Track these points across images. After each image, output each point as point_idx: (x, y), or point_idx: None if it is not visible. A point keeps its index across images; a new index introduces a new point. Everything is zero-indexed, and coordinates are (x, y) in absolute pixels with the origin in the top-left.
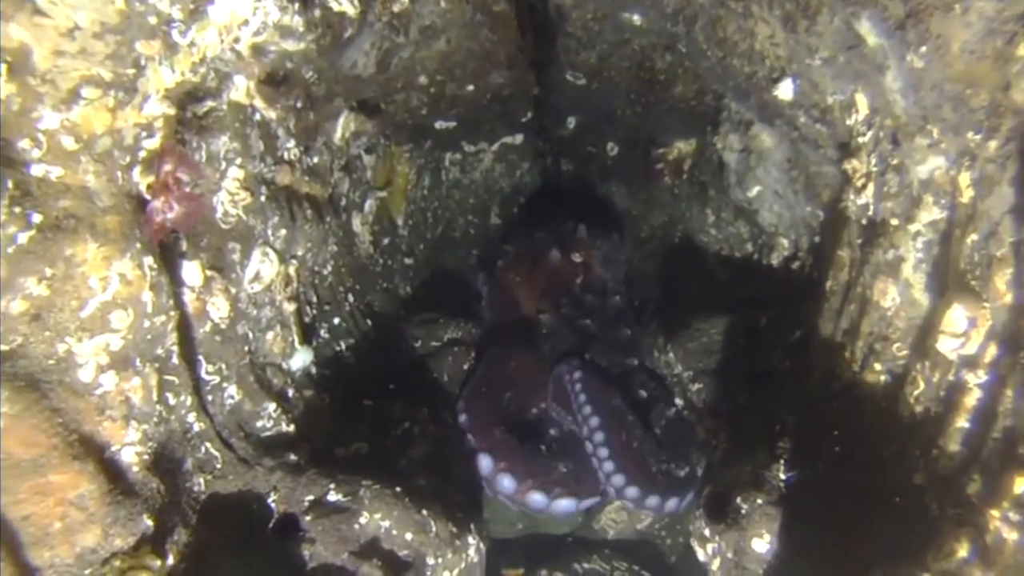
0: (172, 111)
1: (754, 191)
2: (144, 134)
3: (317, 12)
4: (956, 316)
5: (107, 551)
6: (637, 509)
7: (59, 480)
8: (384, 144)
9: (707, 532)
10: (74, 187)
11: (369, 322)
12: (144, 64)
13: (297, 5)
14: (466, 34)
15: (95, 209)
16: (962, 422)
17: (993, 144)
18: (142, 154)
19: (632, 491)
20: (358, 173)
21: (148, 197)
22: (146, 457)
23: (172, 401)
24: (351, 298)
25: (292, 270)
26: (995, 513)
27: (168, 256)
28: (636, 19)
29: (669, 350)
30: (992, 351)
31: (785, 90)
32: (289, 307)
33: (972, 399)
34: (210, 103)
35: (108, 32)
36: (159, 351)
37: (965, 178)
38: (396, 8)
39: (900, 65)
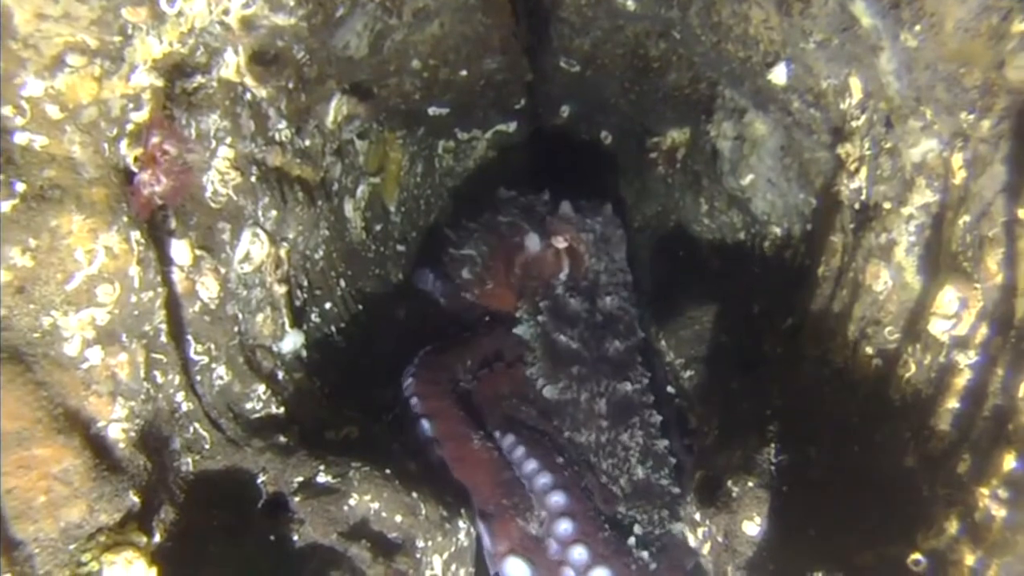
0: (160, 83)
1: (747, 179)
2: (131, 105)
3: None
4: (948, 298)
5: (92, 526)
6: None
7: (43, 454)
8: (377, 129)
9: (698, 516)
10: (59, 157)
11: (360, 307)
12: (131, 32)
13: None
14: (460, 18)
15: (81, 180)
16: (953, 403)
17: (986, 124)
18: (129, 126)
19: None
20: (350, 158)
21: (135, 170)
22: (132, 434)
23: (160, 379)
24: (343, 283)
25: (283, 252)
26: (984, 491)
27: (157, 234)
28: (630, 4)
29: (661, 338)
30: (983, 331)
31: (779, 75)
32: (280, 289)
33: (963, 380)
34: (200, 79)
35: None
36: (147, 328)
37: (958, 159)
38: None
39: (894, 45)
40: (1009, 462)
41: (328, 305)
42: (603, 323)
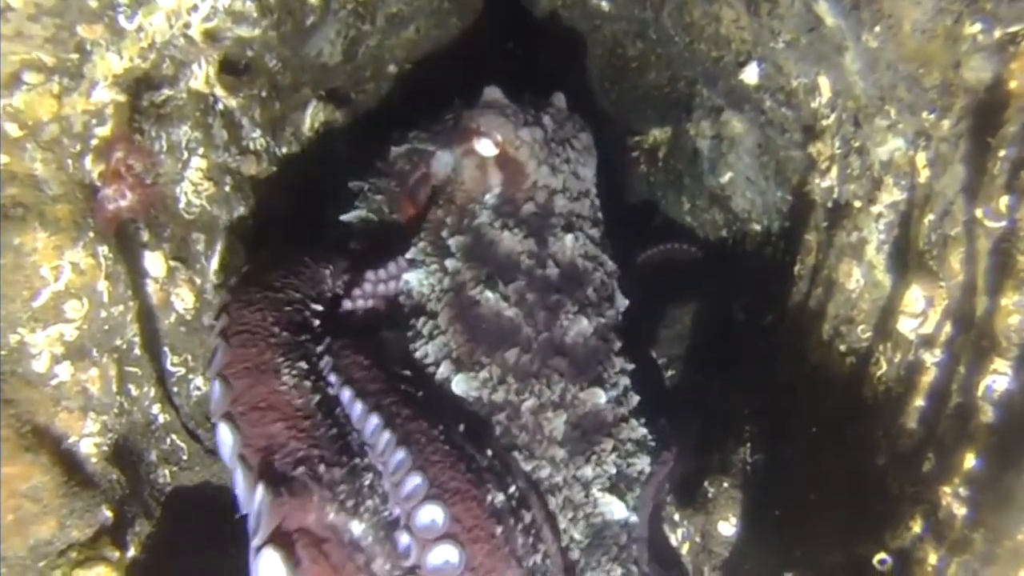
0: (123, 98)
1: (726, 177)
2: (94, 121)
3: None
4: (915, 296)
5: (63, 543)
6: None
7: (11, 472)
8: None
9: (677, 517)
10: (21, 175)
11: None
12: (89, 49)
13: None
14: (434, 22)
15: (44, 197)
16: (919, 401)
17: (946, 123)
18: (94, 141)
19: None
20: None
21: (100, 185)
22: (105, 448)
23: (134, 392)
24: None
25: None
26: (947, 489)
27: (129, 247)
28: (604, 5)
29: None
30: (947, 330)
31: (751, 74)
32: None
33: (929, 378)
34: (167, 91)
35: (44, 14)
36: (118, 341)
37: (922, 158)
38: None
39: (857, 45)
40: (969, 460)
41: None
42: (560, 279)
